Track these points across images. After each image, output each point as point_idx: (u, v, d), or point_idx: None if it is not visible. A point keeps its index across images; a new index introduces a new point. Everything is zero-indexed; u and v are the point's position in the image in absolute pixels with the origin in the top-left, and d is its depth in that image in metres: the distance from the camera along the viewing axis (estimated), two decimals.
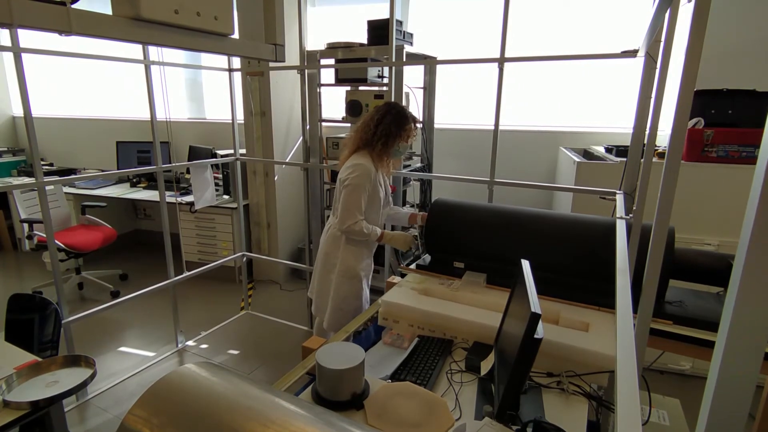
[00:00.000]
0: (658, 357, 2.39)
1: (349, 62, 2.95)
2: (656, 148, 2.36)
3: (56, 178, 2.60)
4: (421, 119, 3.29)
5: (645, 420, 1.59)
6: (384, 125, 1.98)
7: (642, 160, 1.74)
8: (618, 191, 1.97)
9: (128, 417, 0.66)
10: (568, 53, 2.14)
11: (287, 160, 3.86)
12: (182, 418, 0.64)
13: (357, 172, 1.95)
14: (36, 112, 1.99)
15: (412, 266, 1.96)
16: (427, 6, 3.65)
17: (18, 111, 5.31)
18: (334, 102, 3.41)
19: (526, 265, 1.26)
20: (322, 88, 3.22)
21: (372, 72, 3.02)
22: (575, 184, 2.47)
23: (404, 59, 2.73)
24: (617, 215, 1.69)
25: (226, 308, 3.49)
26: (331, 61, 3.05)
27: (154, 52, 2.53)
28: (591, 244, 1.67)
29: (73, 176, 4.42)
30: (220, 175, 3.86)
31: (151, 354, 2.87)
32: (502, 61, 2.17)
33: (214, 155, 3.76)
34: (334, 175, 3.39)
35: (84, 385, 1.38)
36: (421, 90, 3.30)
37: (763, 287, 0.45)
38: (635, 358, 0.70)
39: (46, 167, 4.73)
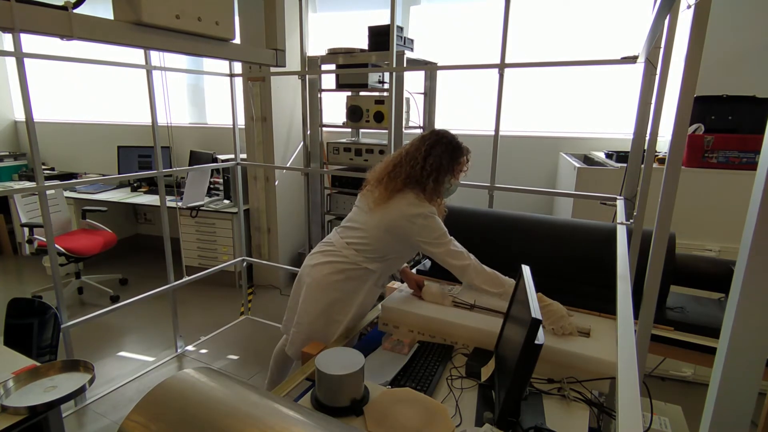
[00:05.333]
0: (660, 363, 2.38)
1: (350, 68, 2.97)
2: (656, 153, 2.37)
3: (57, 182, 2.61)
4: (421, 124, 3.30)
5: (646, 427, 1.58)
6: (434, 157, 1.61)
7: (642, 165, 1.74)
8: (618, 197, 1.97)
9: (126, 422, 0.65)
10: (568, 59, 2.15)
11: (288, 165, 3.87)
12: (181, 424, 0.64)
13: (432, 222, 1.58)
14: (37, 116, 1.99)
15: (413, 271, 1.96)
16: (428, 12, 3.67)
17: (20, 115, 5.32)
18: (334, 107, 3.42)
19: (526, 270, 1.26)
20: (323, 94, 3.24)
21: (373, 77, 3.04)
22: (576, 189, 2.47)
23: (405, 65, 2.74)
24: (618, 221, 1.69)
25: (225, 313, 3.48)
26: (332, 67, 3.07)
27: (156, 57, 2.54)
28: (591, 249, 1.67)
29: (73, 180, 4.40)
30: (221, 180, 3.86)
31: (150, 359, 2.86)
32: (502, 67, 2.18)
33: (215, 160, 3.76)
34: (334, 180, 3.39)
35: (82, 390, 1.38)
36: (422, 95, 3.31)
37: (764, 293, 0.44)
38: (636, 364, 0.69)
39: (47, 171, 4.73)
